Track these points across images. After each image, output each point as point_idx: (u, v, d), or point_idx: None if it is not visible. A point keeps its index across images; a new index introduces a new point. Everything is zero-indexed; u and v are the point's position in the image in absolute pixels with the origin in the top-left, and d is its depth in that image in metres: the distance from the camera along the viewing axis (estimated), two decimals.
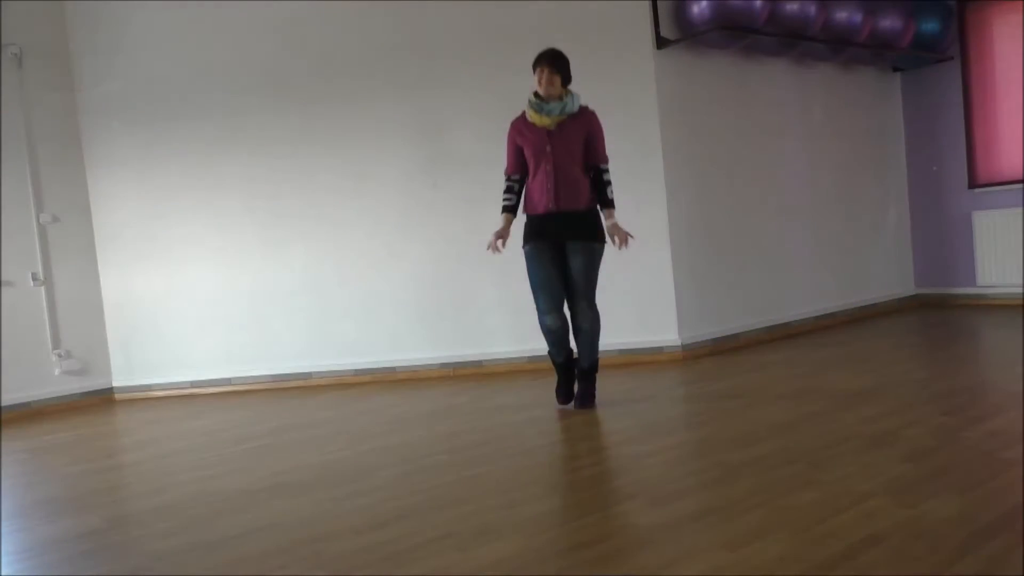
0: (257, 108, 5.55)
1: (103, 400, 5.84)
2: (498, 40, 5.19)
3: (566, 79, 3.79)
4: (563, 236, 3.76)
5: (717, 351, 5.31)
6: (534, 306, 3.87)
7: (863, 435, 2.97)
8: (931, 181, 6.65)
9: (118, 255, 5.86)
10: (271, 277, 5.63)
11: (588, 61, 5.12)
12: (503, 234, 3.83)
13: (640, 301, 5.18)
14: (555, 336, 3.86)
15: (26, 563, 2.45)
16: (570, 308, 3.84)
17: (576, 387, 3.99)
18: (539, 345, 5.31)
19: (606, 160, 3.82)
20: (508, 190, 3.88)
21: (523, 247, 3.83)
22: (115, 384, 5.91)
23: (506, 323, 5.32)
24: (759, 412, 3.52)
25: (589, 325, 3.84)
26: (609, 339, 5.16)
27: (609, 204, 3.79)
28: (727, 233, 5.52)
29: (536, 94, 3.78)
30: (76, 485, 3.40)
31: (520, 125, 3.85)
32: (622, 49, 5.14)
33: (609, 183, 3.80)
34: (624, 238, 3.75)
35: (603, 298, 3.83)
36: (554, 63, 3.73)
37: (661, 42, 5.12)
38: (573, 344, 3.95)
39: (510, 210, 3.87)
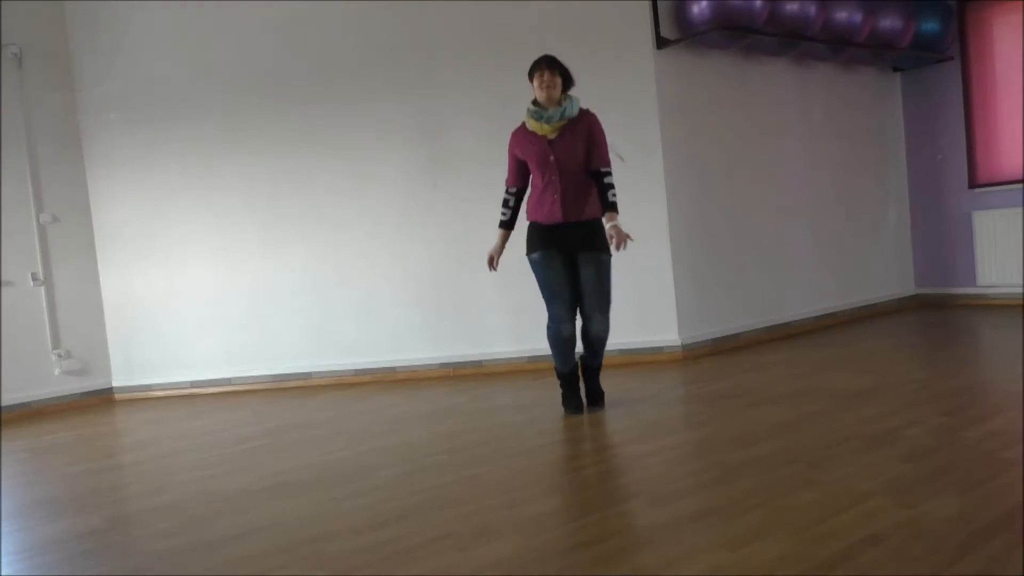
0: (257, 108, 5.55)
1: (103, 400, 5.84)
2: (498, 40, 5.19)
3: (567, 84, 3.67)
4: (572, 246, 3.67)
5: (717, 351, 5.31)
6: (534, 306, 3.85)
7: (863, 435, 2.97)
8: (931, 181, 6.65)
9: (118, 255, 5.86)
10: (271, 277, 5.63)
11: (588, 61, 5.12)
12: (497, 252, 3.79)
13: (640, 301, 5.18)
14: (566, 347, 3.76)
15: (26, 563, 2.45)
16: (583, 317, 3.72)
17: (585, 389, 3.94)
18: (539, 345, 5.28)
19: (608, 163, 3.68)
20: (505, 204, 3.80)
21: (529, 255, 3.72)
22: (115, 384, 5.91)
23: (506, 323, 5.32)
24: (759, 412, 3.52)
25: (603, 335, 3.75)
26: (609, 339, 5.17)
27: (611, 208, 3.63)
28: (727, 233, 5.52)
29: (535, 102, 3.66)
30: (76, 485, 3.40)
31: (520, 136, 3.73)
32: (622, 49, 5.14)
33: (611, 187, 3.65)
34: (622, 239, 3.56)
35: None
36: (554, 66, 3.61)
37: (661, 42, 5.12)
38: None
39: (506, 226, 3.80)
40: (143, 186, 5.78)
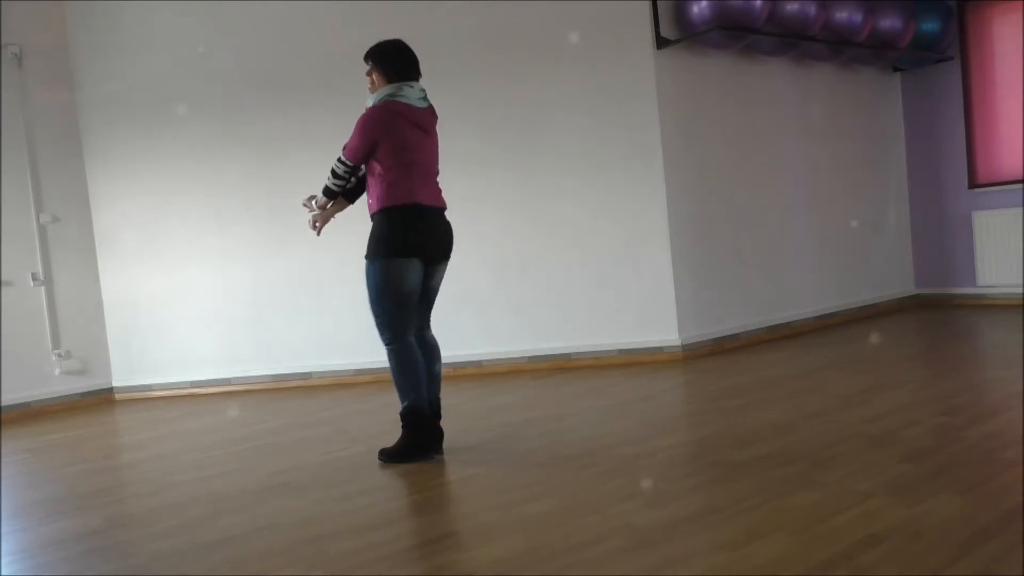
0: (257, 107, 5.55)
1: (103, 400, 5.84)
2: (498, 40, 5.19)
3: (389, 76, 3.47)
4: None
5: (717, 351, 5.31)
6: (533, 306, 3.84)
7: (863, 435, 2.97)
8: (931, 181, 6.65)
9: (118, 255, 5.86)
10: (271, 277, 5.63)
11: (588, 61, 5.13)
12: (322, 219, 3.81)
13: (640, 301, 5.17)
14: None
15: (26, 563, 2.45)
16: None
17: None
18: (539, 345, 5.30)
19: (343, 151, 3.50)
20: None
21: None
22: (115, 384, 5.91)
23: (506, 323, 5.31)
24: (759, 412, 3.52)
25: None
26: (609, 339, 5.16)
27: (324, 191, 3.60)
28: (727, 233, 5.52)
29: None
30: (76, 485, 3.40)
31: None
32: (622, 49, 5.13)
33: (331, 170, 3.55)
34: (313, 223, 3.62)
35: (604, 298, 3.81)
36: (368, 59, 3.50)
37: (661, 42, 5.11)
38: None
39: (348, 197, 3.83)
40: (143, 186, 5.78)
